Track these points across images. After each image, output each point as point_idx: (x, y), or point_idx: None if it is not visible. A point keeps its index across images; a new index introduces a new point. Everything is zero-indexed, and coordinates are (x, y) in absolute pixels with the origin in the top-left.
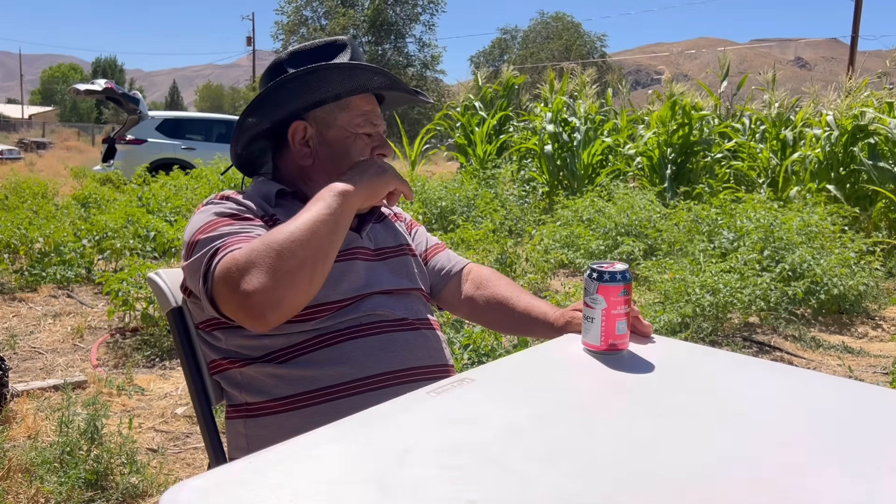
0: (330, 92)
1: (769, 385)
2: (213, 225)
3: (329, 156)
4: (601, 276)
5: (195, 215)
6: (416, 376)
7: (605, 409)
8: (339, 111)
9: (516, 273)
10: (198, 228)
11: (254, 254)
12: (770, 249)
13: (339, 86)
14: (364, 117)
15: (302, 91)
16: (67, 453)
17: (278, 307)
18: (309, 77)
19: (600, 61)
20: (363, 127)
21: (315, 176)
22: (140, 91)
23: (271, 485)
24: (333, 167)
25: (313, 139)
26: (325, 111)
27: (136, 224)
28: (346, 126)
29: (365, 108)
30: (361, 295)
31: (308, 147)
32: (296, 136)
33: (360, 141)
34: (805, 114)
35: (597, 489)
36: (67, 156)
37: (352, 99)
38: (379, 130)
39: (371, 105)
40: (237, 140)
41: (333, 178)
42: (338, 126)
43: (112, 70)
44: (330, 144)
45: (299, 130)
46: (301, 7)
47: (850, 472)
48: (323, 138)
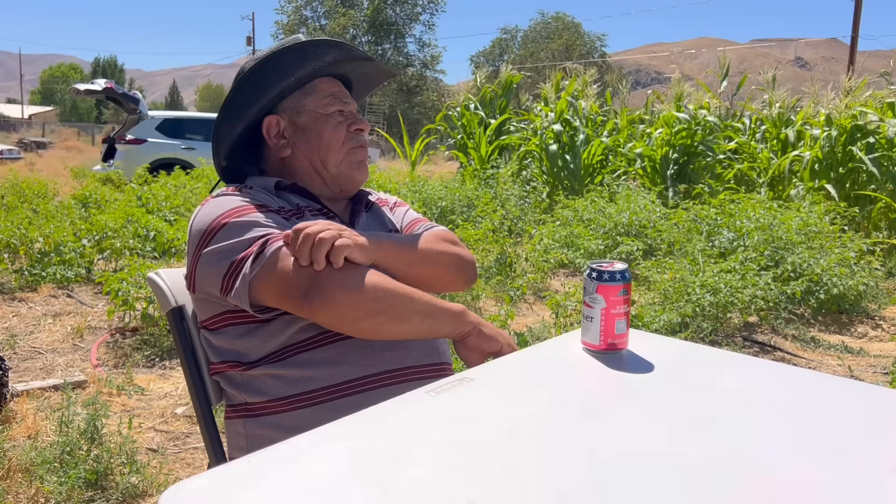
0: (291, 76)
1: (769, 385)
2: (243, 211)
3: (304, 140)
4: (601, 275)
5: (208, 204)
6: (416, 375)
7: (604, 409)
8: (305, 96)
9: (516, 273)
10: (223, 212)
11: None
12: (769, 249)
13: (297, 68)
14: (331, 97)
15: (264, 83)
16: (67, 453)
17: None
18: (266, 68)
19: (600, 61)
20: (333, 105)
21: (296, 164)
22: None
23: (271, 485)
24: (311, 150)
25: (287, 129)
26: (292, 100)
27: (136, 224)
28: (315, 108)
29: (331, 90)
30: None
31: (284, 138)
32: (270, 130)
33: (332, 119)
34: (805, 114)
35: (596, 489)
36: (67, 156)
37: (315, 82)
38: (351, 108)
39: (337, 87)
40: (218, 152)
41: (315, 160)
42: (307, 111)
43: (112, 70)
44: (303, 130)
45: (272, 125)
46: (301, 7)
47: (850, 471)
48: (296, 126)
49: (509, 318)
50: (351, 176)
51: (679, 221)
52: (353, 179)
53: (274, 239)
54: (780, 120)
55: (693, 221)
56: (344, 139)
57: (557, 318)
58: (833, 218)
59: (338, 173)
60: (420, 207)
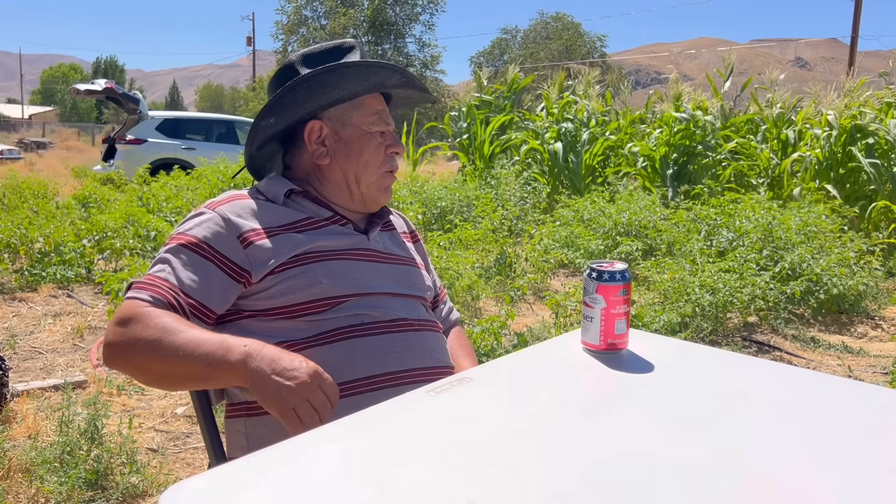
0: (347, 90)
1: (769, 385)
2: (178, 239)
3: (345, 154)
4: (601, 275)
5: (193, 211)
6: (417, 377)
7: (604, 409)
8: (353, 110)
9: (516, 273)
10: (183, 230)
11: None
12: (769, 249)
13: (356, 84)
14: (377, 115)
15: (319, 90)
16: (67, 453)
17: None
18: (327, 76)
19: (600, 61)
20: (377, 125)
21: (331, 174)
22: (140, 91)
23: (271, 485)
24: (349, 165)
25: (329, 138)
26: (340, 110)
27: (136, 224)
28: (361, 125)
29: (377, 107)
30: (363, 293)
31: (324, 146)
32: (312, 135)
33: (373, 140)
34: (806, 114)
35: (596, 489)
36: (67, 156)
37: (364, 98)
38: (391, 129)
39: (382, 104)
40: (252, 141)
41: (349, 175)
42: (352, 125)
43: (112, 70)
44: (346, 143)
45: (315, 130)
46: (301, 7)
47: (850, 471)
48: (338, 137)
49: (509, 317)
50: (377, 199)
51: (679, 222)
52: (378, 202)
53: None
54: (781, 120)
55: (693, 221)
56: (382, 161)
57: (557, 318)
58: (833, 218)
59: (367, 193)
60: (420, 208)
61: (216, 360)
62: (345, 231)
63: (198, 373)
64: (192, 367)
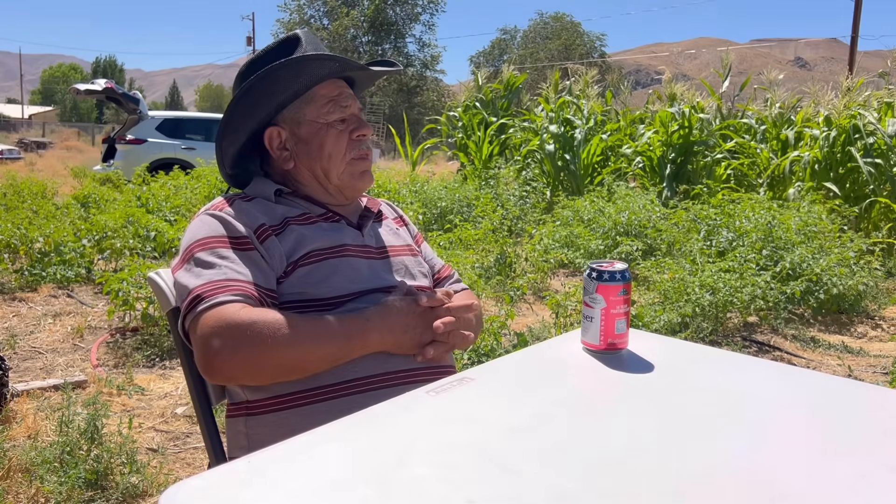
0: (287, 91)
1: (769, 385)
2: (208, 243)
3: (307, 153)
4: (601, 275)
5: (194, 221)
6: (418, 377)
7: (604, 409)
8: (305, 105)
9: (516, 273)
10: (195, 241)
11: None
12: (769, 249)
13: (292, 83)
14: (332, 103)
15: (260, 99)
16: (67, 453)
17: (229, 381)
18: (261, 84)
19: (600, 61)
20: (333, 113)
21: (300, 176)
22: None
23: (271, 484)
24: (313, 162)
25: (289, 140)
26: (292, 110)
27: (135, 224)
28: (316, 118)
29: (331, 95)
30: (363, 291)
31: (286, 150)
32: (272, 142)
33: (332, 129)
34: (805, 114)
35: (596, 489)
36: (67, 156)
37: (314, 89)
38: (352, 112)
39: (337, 89)
40: (223, 163)
41: (317, 171)
42: (307, 121)
43: (112, 70)
44: (305, 141)
45: (274, 136)
46: (303, 6)
47: (849, 471)
48: (297, 137)
49: (509, 317)
50: (354, 186)
51: (679, 221)
52: (356, 189)
53: (208, 294)
54: (781, 120)
55: (692, 221)
56: (346, 149)
57: (557, 318)
58: (833, 218)
59: (340, 184)
60: (420, 208)
61: (357, 333)
62: (339, 227)
63: (335, 352)
64: (329, 347)
